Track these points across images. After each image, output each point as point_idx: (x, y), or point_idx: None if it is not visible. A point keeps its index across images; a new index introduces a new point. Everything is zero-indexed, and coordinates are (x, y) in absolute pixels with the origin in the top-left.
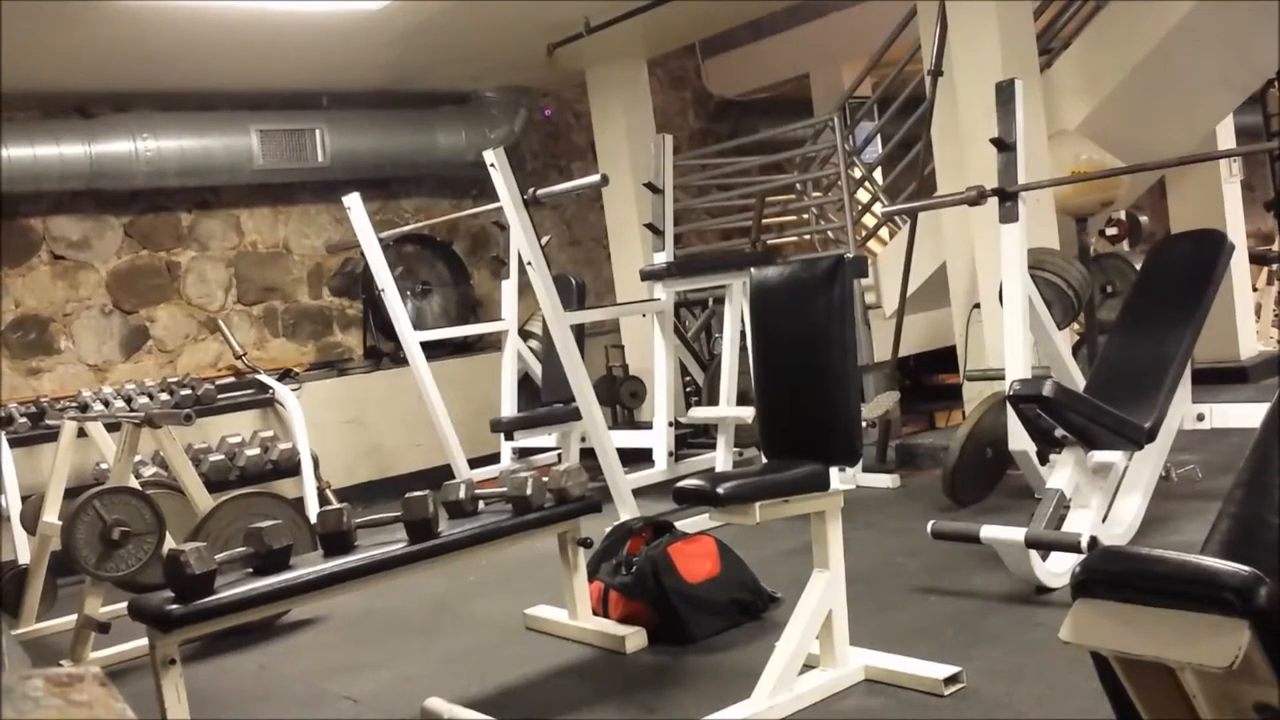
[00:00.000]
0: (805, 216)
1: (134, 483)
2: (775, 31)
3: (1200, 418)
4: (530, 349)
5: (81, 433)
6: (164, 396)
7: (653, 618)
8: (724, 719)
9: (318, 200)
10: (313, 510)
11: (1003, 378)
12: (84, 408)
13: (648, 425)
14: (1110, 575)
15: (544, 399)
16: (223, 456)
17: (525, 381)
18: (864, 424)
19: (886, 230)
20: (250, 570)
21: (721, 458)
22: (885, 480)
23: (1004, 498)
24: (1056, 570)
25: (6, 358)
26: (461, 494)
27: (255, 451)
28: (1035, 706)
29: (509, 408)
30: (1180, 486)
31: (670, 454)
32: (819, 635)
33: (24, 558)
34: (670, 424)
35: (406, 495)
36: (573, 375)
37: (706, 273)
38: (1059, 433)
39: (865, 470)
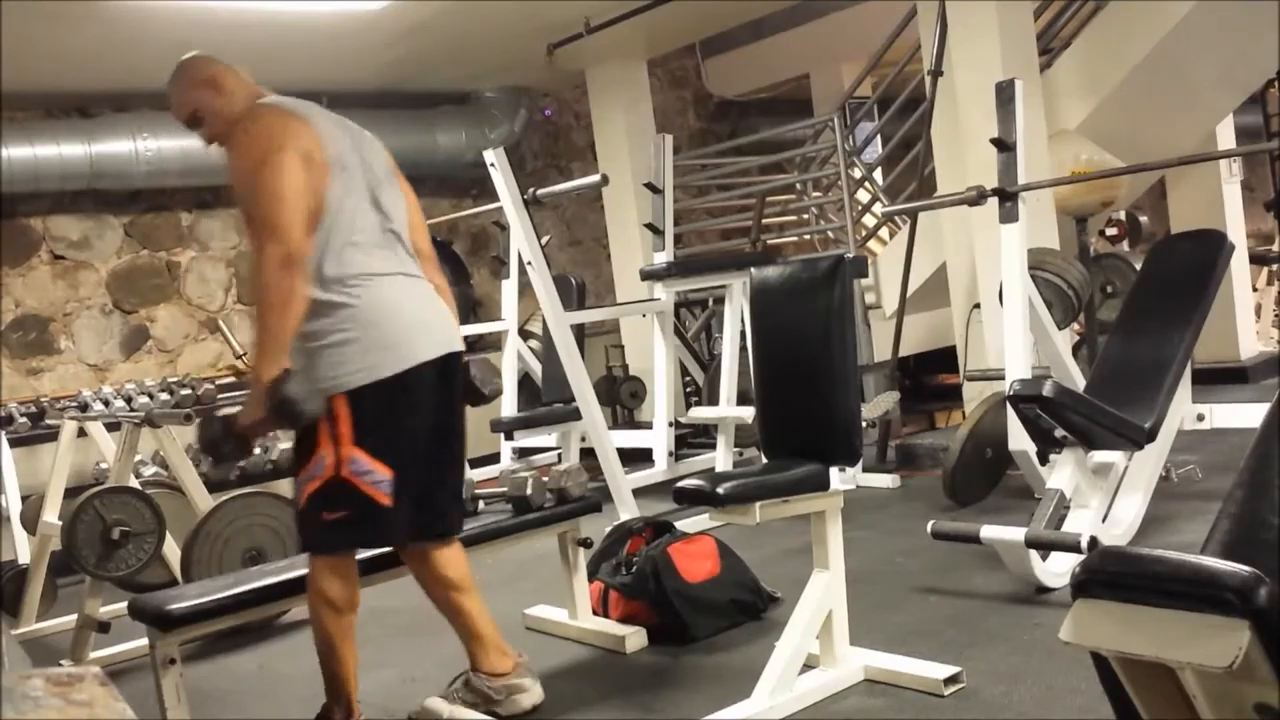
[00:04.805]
0: (805, 216)
1: (134, 483)
2: (775, 31)
3: (1200, 418)
4: (530, 349)
5: (81, 433)
6: (164, 396)
7: (653, 618)
8: (724, 719)
9: None
10: None
11: (1003, 378)
12: (84, 407)
13: (648, 425)
14: (1110, 575)
15: (544, 399)
16: None
17: (525, 381)
18: (864, 424)
19: (886, 230)
20: (251, 570)
21: (721, 458)
22: (885, 480)
23: (1004, 498)
24: (1056, 570)
25: (6, 358)
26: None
27: (255, 451)
28: (1035, 707)
29: (509, 408)
30: (1180, 486)
31: (670, 454)
32: (819, 635)
33: (24, 558)
34: (670, 424)
35: None
36: (573, 375)
37: (706, 273)
38: (1059, 433)
39: (865, 470)
